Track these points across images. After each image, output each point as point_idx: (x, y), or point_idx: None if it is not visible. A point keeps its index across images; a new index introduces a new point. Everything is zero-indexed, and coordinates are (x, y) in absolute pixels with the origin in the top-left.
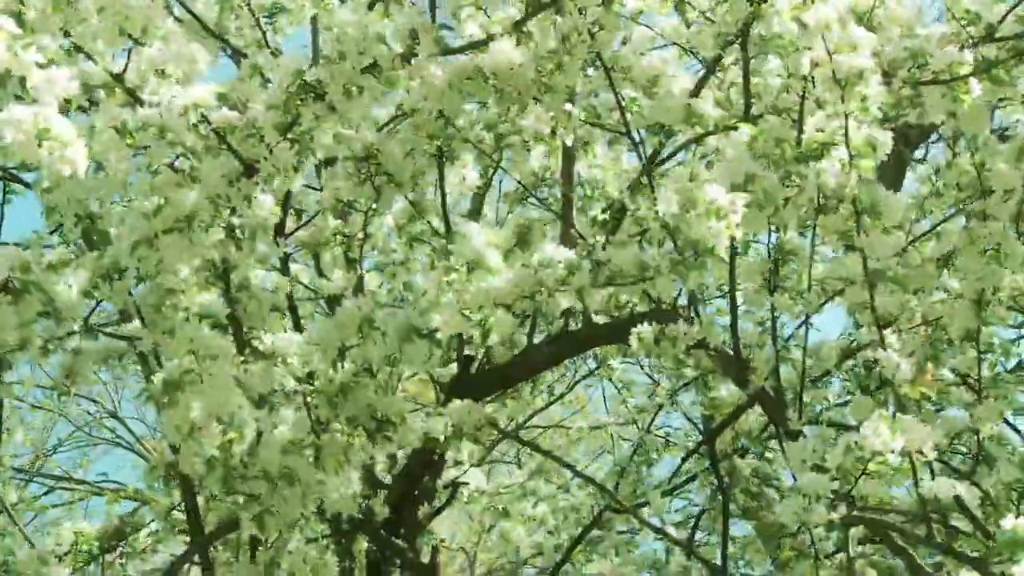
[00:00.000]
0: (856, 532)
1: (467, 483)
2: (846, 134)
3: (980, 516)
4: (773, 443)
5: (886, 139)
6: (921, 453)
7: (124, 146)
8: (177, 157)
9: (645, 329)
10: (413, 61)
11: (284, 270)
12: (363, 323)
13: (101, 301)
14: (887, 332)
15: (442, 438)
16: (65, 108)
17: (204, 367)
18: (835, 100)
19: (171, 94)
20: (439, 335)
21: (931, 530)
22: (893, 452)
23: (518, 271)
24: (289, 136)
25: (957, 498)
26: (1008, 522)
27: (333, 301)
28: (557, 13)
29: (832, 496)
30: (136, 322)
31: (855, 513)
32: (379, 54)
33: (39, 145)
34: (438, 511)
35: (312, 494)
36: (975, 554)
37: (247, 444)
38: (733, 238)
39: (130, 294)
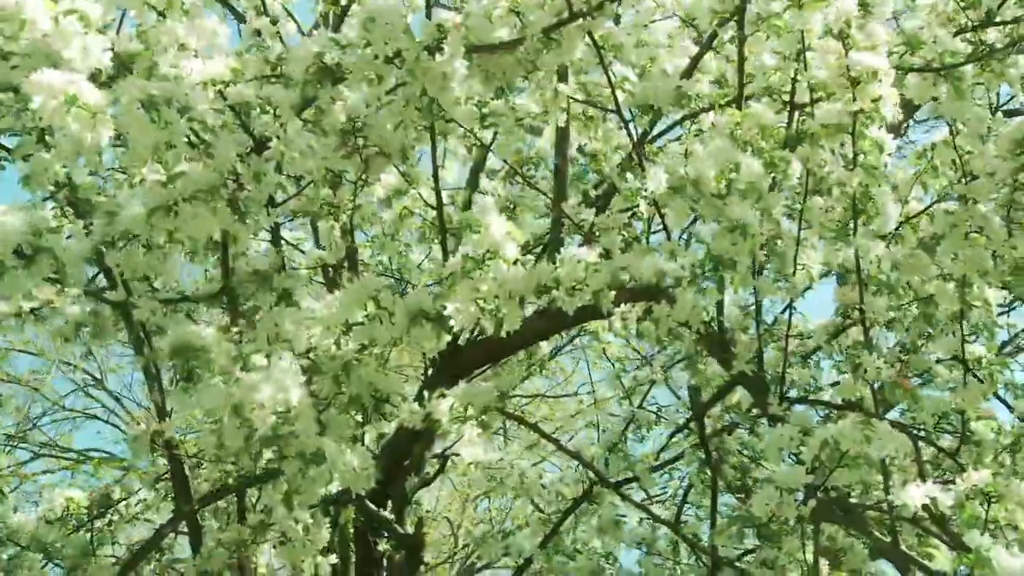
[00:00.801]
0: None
1: (457, 455)
2: (853, 132)
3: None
4: (762, 420)
5: (892, 142)
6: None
7: (148, 120)
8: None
9: (630, 310)
10: (438, 56)
11: (276, 240)
12: (371, 303)
13: (101, 270)
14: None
15: (445, 420)
16: (95, 78)
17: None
18: (846, 97)
19: (190, 68)
20: (452, 322)
21: (897, 538)
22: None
23: (539, 266)
24: (303, 117)
25: (927, 507)
26: (973, 537)
27: (327, 272)
28: None
29: (805, 488)
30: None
31: (827, 508)
32: (405, 46)
33: (67, 112)
34: (426, 483)
35: (337, 470)
36: (942, 561)
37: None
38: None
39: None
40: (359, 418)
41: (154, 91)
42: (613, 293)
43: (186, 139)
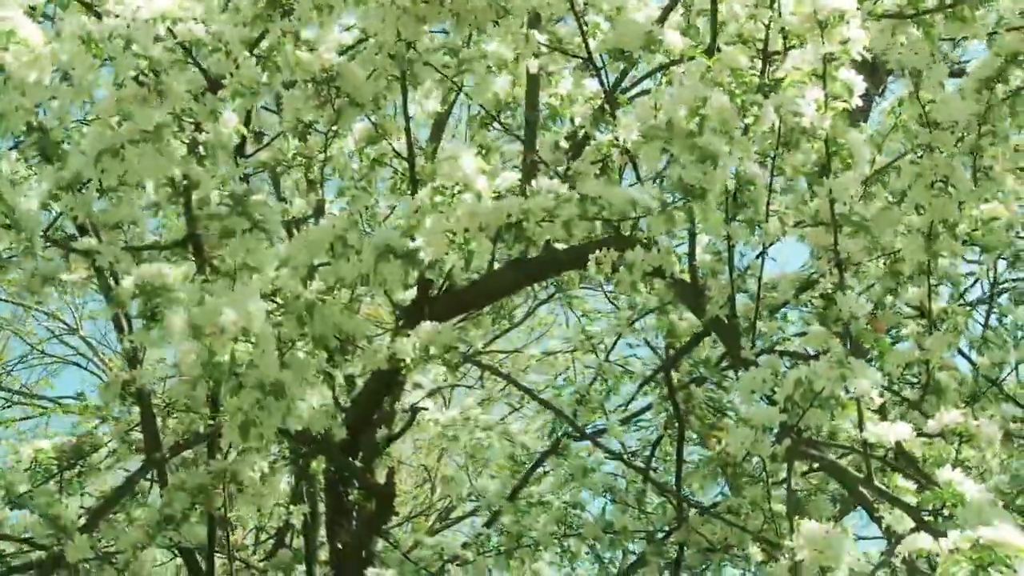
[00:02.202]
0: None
1: (426, 408)
2: (823, 76)
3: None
4: (730, 373)
5: (861, 83)
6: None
7: (90, 56)
8: (142, 72)
9: (604, 254)
10: None
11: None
12: (336, 241)
13: (61, 215)
14: (847, 274)
15: (409, 360)
16: (30, 14)
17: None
18: (815, 40)
19: (137, 4)
20: (421, 255)
21: (870, 472)
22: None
23: (508, 198)
24: (255, 53)
25: (899, 444)
26: (945, 473)
27: (293, 225)
28: None
29: (779, 428)
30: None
31: (800, 448)
32: None
33: (5, 49)
34: (396, 435)
35: (295, 408)
36: (911, 499)
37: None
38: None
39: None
40: (323, 360)
41: (93, 28)
42: (584, 224)
43: (134, 78)
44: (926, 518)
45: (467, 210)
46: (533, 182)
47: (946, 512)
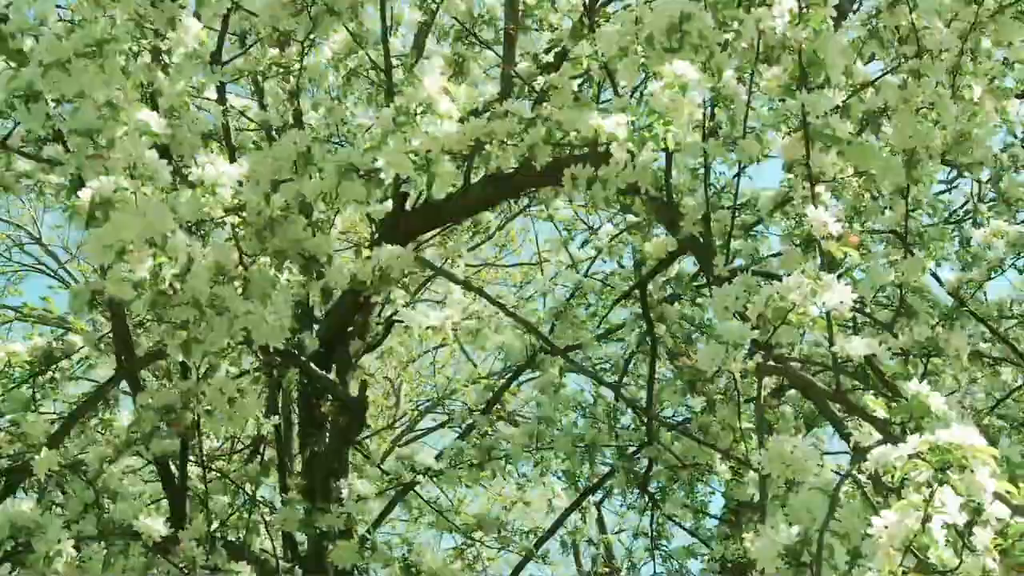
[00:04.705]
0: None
1: (400, 321)
2: None
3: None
4: (704, 290)
5: None
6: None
7: None
8: None
9: (579, 169)
10: None
11: (221, 99)
12: (299, 158)
13: (18, 124)
14: (820, 188)
15: (369, 282)
16: None
17: (139, 186)
18: None
19: None
20: (383, 175)
21: (840, 386)
22: (814, 306)
23: (471, 121)
24: None
25: (868, 358)
26: (912, 386)
27: (272, 134)
28: None
29: (751, 344)
30: (59, 146)
31: (771, 363)
32: None
33: None
34: (370, 347)
35: (239, 323)
36: (879, 414)
37: (179, 269)
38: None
39: (49, 117)
40: (284, 275)
41: None
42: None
43: None
44: (893, 432)
45: (430, 132)
46: (504, 103)
47: (912, 426)
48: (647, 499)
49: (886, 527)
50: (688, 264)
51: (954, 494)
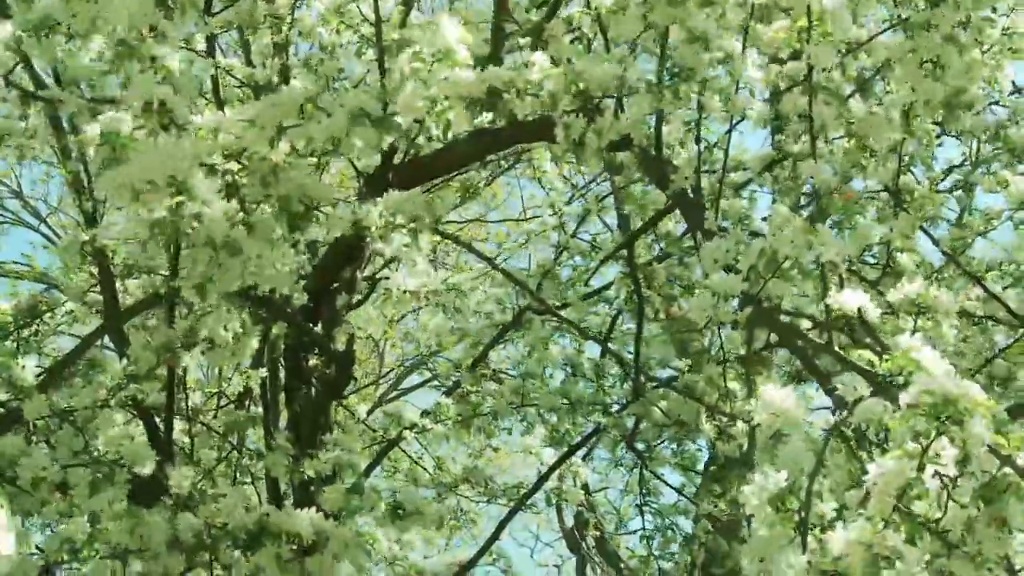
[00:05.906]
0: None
1: (387, 279)
2: None
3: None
4: (692, 248)
5: None
6: (833, 265)
7: None
8: None
9: (572, 120)
10: None
11: (211, 53)
12: (307, 103)
13: (19, 63)
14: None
15: (374, 228)
16: None
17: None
18: None
19: None
20: (397, 119)
21: (831, 339)
22: (806, 259)
23: (491, 69)
24: None
25: (860, 310)
26: (903, 340)
27: (260, 90)
28: None
29: (741, 296)
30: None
31: (761, 314)
32: None
33: None
34: (357, 304)
35: (251, 267)
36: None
37: (198, 208)
38: None
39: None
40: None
41: None
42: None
43: None
44: (882, 384)
45: (450, 78)
46: (510, 55)
47: (901, 380)
48: (635, 456)
49: (882, 473)
50: (675, 225)
51: (950, 445)
